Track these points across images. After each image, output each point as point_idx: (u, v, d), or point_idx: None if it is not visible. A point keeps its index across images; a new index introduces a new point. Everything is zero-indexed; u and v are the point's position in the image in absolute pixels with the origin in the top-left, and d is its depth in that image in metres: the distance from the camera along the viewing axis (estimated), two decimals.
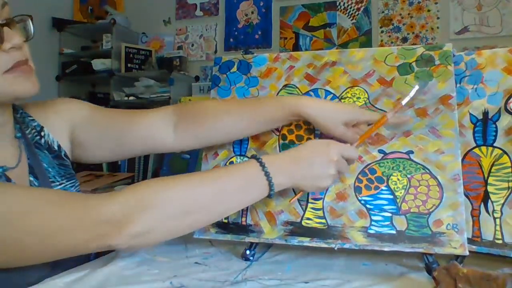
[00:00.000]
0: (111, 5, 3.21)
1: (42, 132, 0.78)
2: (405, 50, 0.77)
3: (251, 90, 0.83)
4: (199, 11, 3.10)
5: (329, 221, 0.70)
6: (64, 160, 0.79)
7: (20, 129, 0.75)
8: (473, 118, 0.72)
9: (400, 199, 0.68)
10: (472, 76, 0.74)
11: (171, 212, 0.60)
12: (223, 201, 0.64)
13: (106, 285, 0.63)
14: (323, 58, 0.81)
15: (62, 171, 0.77)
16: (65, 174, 0.78)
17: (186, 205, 0.61)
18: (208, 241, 0.84)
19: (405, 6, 2.65)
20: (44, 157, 0.75)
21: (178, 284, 0.62)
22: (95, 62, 2.92)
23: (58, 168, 0.77)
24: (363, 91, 0.76)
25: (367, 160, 0.72)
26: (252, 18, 2.96)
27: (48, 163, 0.75)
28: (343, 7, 2.76)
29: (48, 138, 0.78)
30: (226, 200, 0.64)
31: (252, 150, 0.79)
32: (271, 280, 0.64)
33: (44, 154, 0.76)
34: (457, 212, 0.65)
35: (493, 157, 0.69)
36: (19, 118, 0.76)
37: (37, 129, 0.78)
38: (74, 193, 0.72)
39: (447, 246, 0.64)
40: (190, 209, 0.62)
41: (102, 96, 3.10)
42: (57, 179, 0.76)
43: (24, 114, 0.78)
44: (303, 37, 2.83)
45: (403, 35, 2.64)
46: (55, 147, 0.78)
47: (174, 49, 3.09)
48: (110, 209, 0.56)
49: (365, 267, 0.71)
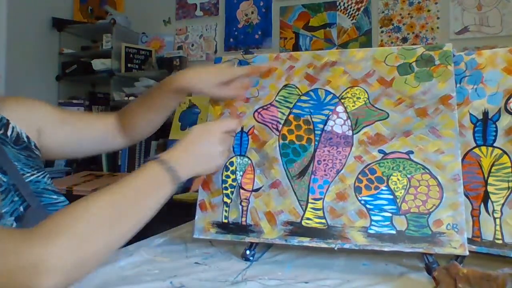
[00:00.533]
0: (111, 5, 3.21)
1: (10, 125, 0.76)
2: (405, 50, 0.77)
3: (251, 90, 0.83)
4: (199, 11, 3.10)
5: (329, 221, 0.70)
6: (33, 151, 0.77)
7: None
8: (473, 118, 0.72)
9: (400, 199, 0.68)
10: (472, 76, 0.74)
11: (80, 240, 0.55)
12: (133, 208, 0.61)
13: (106, 285, 0.63)
14: (323, 58, 0.81)
15: (30, 162, 0.75)
16: (34, 165, 0.76)
17: (94, 225, 0.57)
18: (208, 241, 0.84)
19: (405, 6, 2.65)
20: (9, 152, 0.73)
21: (178, 284, 0.62)
22: (95, 62, 2.92)
23: (25, 160, 0.75)
24: (363, 91, 0.76)
25: (367, 160, 0.72)
26: (252, 18, 2.96)
27: (13, 157, 0.73)
28: (343, 7, 2.76)
29: (16, 130, 0.76)
30: (135, 207, 0.62)
31: (252, 150, 0.79)
32: (271, 280, 0.64)
33: (8, 148, 0.74)
34: (457, 212, 0.65)
35: (493, 157, 0.69)
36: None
37: (3, 123, 0.76)
38: None
39: (447, 246, 0.64)
40: (100, 228, 0.57)
41: (102, 96, 3.10)
42: (26, 170, 0.74)
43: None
44: (303, 37, 2.83)
45: (403, 35, 2.64)
46: (23, 138, 0.77)
47: (174, 49, 3.09)
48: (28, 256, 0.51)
49: (365, 267, 0.71)
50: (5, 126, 0.75)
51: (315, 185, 0.73)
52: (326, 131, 0.76)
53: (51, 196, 0.75)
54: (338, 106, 0.77)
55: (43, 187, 0.75)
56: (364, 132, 0.74)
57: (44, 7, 3.00)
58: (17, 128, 0.77)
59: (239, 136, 0.81)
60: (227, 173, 0.79)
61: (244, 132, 0.81)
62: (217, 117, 0.84)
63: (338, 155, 0.74)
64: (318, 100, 0.78)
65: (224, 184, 0.79)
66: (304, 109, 0.78)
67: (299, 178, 0.75)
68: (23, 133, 0.77)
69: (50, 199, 0.74)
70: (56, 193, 0.76)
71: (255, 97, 0.83)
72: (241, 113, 0.82)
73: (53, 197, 0.75)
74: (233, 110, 0.83)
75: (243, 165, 0.79)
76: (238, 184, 0.78)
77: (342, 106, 0.77)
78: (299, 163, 0.76)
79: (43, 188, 0.74)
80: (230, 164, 0.80)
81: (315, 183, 0.74)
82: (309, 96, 0.79)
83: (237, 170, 0.79)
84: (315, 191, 0.73)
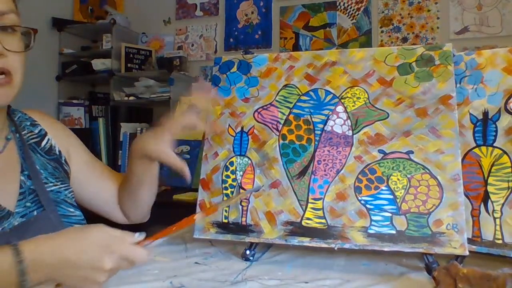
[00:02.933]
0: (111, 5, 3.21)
1: (46, 137, 0.80)
2: (405, 50, 0.77)
3: (251, 90, 0.83)
4: (199, 11, 3.09)
5: (329, 221, 0.70)
6: (62, 164, 0.80)
7: (15, 131, 0.76)
8: (473, 118, 0.72)
9: (400, 199, 0.68)
10: (472, 76, 0.74)
11: None
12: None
13: (106, 285, 0.63)
14: (323, 58, 0.81)
15: (56, 173, 0.78)
16: (59, 177, 0.78)
17: None
18: (208, 241, 0.84)
19: (405, 6, 2.64)
20: (37, 159, 0.77)
21: (178, 284, 0.62)
22: (95, 62, 2.91)
23: (52, 170, 0.78)
24: (363, 91, 0.76)
25: (367, 160, 0.72)
26: (252, 18, 2.96)
27: (40, 165, 0.76)
28: (343, 7, 2.76)
29: (51, 142, 0.80)
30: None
31: (252, 150, 0.79)
32: (271, 280, 0.64)
33: (37, 156, 0.77)
34: (457, 212, 0.65)
35: (493, 157, 0.69)
36: (16, 121, 0.78)
37: (41, 133, 0.80)
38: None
39: (447, 246, 0.64)
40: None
41: (102, 96, 3.10)
42: (50, 180, 0.76)
43: (23, 117, 0.80)
44: (303, 37, 2.83)
45: (403, 35, 2.64)
46: (56, 151, 0.80)
47: (174, 49, 3.09)
48: None
49: (365, 267, 0.71)
50: (42, 137, 0.80)
51: (315, 185, 0.73)
52: (326, 131, 0.76)
53: (68, 209, 0.77)
54: (338, 106, 0.77)
55: (63, 198, 0.77)
56: (364, 132, 0.74)
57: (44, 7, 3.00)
58: (52, 141, 0.81)
59: (239, 136, 0.81)
60: (227, 173, 0.79)
61: (244, 132, 0.81)
62: (217, 117, 0.83)
63: (338, 155, 0.74)
64: (318, 100, 0.78)
65: (224, 184, 0.79)
66: (304, 109, 0.78)
67: (299, 178, 0.75)
68: (56, 147, 0.81)
69: (66, 211, 0.76)
70: (74, 207, 0.78)
71: (255, 97, 0.83)
72: (241, 113, 0.82)
73: (70, 210, 0.77)
74: (233, 110, 0.83)
75: (243, 165, 0.79)
76: (238, 184, 0.78)
77: (342, 106, 0.77)
78: (299, 163, 0.76)
79: (62, 199, 0.77)
80: (230, 164, 0.80)
81: (315, 183, 0.74)
82: (309, 96, 0.79)
83: (237, 170, 0.79)
84: (315, 191, 0.73)
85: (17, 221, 0.69)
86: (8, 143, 0.74)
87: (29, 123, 0.80)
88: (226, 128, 0.82)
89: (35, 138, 0.79)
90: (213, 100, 0.78)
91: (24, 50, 0.68)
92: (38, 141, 0.79)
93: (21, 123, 0.79)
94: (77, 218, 0.78)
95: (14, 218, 0.69)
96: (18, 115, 0.80)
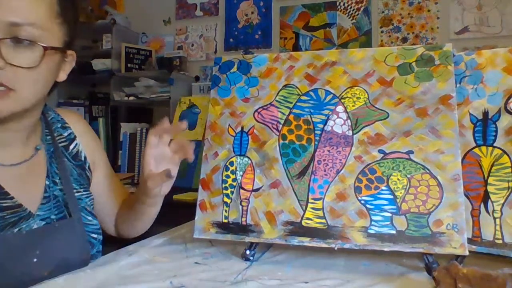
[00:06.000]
0: (111, 5, 3.21)
1: (74, 141, 0.81)
2: (405, 50, 0.77)
3: (251, 90, 0.83)
4: (199, 11, 3.09)
5: (329, 221, 0.70)
6: (86, 171, 0.81)
7: (48, 133, 0.77)
8: (473, 118, 0.72)
9: (400, 199, 0.68)
10: (472, 76, 0.74)
11: None
12: None
13: (106, 285, 0.63)
14: (323, 58, 0.81)
15: (81, 179, 0.79)
16: (83, 184, 0.80)
17: None
18: (208, 241, 0.84)
19: (405, 6, 2.65)
20: (65, 164, 0.77)
21: (178, 284, 0.62)
22: (95, 62, 2.92)
23: (77, 176, 0.79)
24: (363, 91, 0.76)
25: (367, 160, 0.72)
26: (252, 18, 2.96)
27: (68, 169, 0.77)
28: (343, 7, 2.76)
29: (78, 148, 0.81)
30: None
31: (252, 150, 0.79)
32: (271, 280, 0.64)
33: (65, 160, 0.78)
34: (457, 212, 0.65)
35: (493, 157, 0.69)
36: (50, 122, 0.79)
37: (69, 137, 0.80)
38: None
39: (447, 246, 0.64)
40: None
41: (102, 96, 3.10)
42: (74, 186, 0.77)
43: (56, 118, 0.81)
44: (303, 37, 2.83)
45: (403, 35, 2.64)
46: (81, 158, 0.81)
47: (174, 49, 3.09)
48: None
49: (365, 267, 0.71)
50: (70, 141, 0.81)
51: (315, 185, 0.73)
52: (326, 131, 0.76)
53: (87, 217, 0.78)
54: (338, 106, 0.77)
55: (83, 206, 0.78)
56: (364, 132, 0.74)
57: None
58: (79, 146, 0.82)
59: (239, 136, 0.81)
60: (227, 173, 0.79)
61: (244, 132, 0.81)
62: (217, 117, 0.83)
63: (338, 155, 0.74)
64: (318, 100, 0.78)
65: (224, 184, 0.79)
66: (304, 109, 0.78)
67: (299, 178, 0.75)
68: (83, 152, 0.82)
69: (85, 219, 0.77)
70: (92, 215, 0.79)
71: (255, 97, 0.83)
72: (241, 113, 0.82)
73: (88, 218, 0.78)
74: (233, 110, 0.83)
75: (243, 165, 0.79)
76: (238, 184, 0.78)
77: (342, 106, 0.77)
78: (299, 163, 0.76)
79: (83, 207, 0.78)
80: (230, 164, 0.80)
81: (315, 183, 0.74)
82: (309, 96, 0.79)
83: (237, 170, 0.79)
84: (315, 191, 0.73)
85: (36, 223, 0.69)
86: (37, 153, 0.74)
87: (60, 125, 0.81)
88: (226, 128, 0.82)
89: (64, 142, 0.79)
90: (174, 127, 0.76)
91: (25, 67, 0.61)
92: (66, 145, 0.79)
93: (53, 125, 0.79)
94: (94, 227, 0.78)
95: (34, 220, 0.69)
96: (52, 115, 0.80)
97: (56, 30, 0.66)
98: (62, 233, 0.70)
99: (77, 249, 0.72)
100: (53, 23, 0.66)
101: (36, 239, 0.67)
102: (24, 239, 0.66)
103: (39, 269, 0.65)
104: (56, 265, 0.67)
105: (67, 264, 0.68)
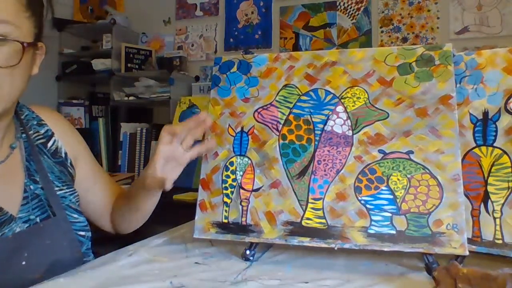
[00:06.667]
0: (111, 5, 3.21)
1: (53, 138, 0.78)
2: (405, 50, 0.77)
3: (251, 90, 0.83)
4: (199, 11, 3.09)
5: (329, 221, 0.70)
6: (67, 167, 0.79)
7: (23, 131, 0.75)
8: (473, 118, 0.72)
9: (400, 199, 0.68)
10: (472, 76, 0.74)
11: None
12: None
13: (106, 285, 0.63)
14: (323, 58, 0.81)
15: (62, 177, 0.77)
16: (65, 181, 0.78)
17: None
18: (208, 241, 0.84)
19: (405, 6, 2.65)
20: (44, 162, 0.75)
21: (178, 284, 0.62)
22: (95, 62, 2.92)
23: (58, 173, 0.77)
24: (363, 91, 0.76)
25: (367, 160, 0.72)
26: (252, 18, 2.96)
27: (47, 167, 0.75)
28: (343, 7, 2.76)
29: (57, 144, 0.78)
30: None
31: (252, 150, 0.79)
32: (271, 280, 0.64)
33: (44, 158, 0.75)
34: (457, 212, 0.65)
35: (493, 157, 0.69)
36: (23, 120, 0.76)
37: (47, 134, 0.78)
38: None
39: (447, 246, 0.64)
40: None
41: (102, 96, 3.10)
42: (56, 183, 0.75)
43: (30, 116, 0.78)
44: (303, 37, 2.83)
45: (403, 35, 2.64)
46: (61, 153, 0.79)
47: (174, 49, 3.09)
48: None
49: (365, 267, 0.71)
50: (48, 137, 0.78)
51: (315, 185, 0.73)
52: (326, 131, 0.76)
53: (72, 215, 0.76)
54: (338, 106, 0.77)
55: (67, 204, 0.76)
56: (364, 132, 0.74)
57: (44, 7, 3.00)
58: (58, 143, 0.79)
59: (239, 136, 0.81)
60: (227, 173, 0.79)
61: (244, 132, 0.81)
62: (217, 117, 0.83)
63: (338, 155, 0.74)
64: (318, 100, 0.78)
65: (224, 184, 0.79)
66: (304, 109, 0.78)
67: (299, 178, 0.75)
68: (62, 148, 0.80)
69: (70, 217, 0.75)
70: (78, 212, 0.78)
71: (255, 97, 0.83)
72: (241, 113, 0.82)
73: (74, 216, 0.76)
74: (233, 110, 0.83)
75: (243, 165, 0.79)
76: (238, 184, 0.78)
77: (342, 106, 0.77)
78: (299, 163, 0.76)
79: (67, 205, 0.76)
80: (230, 164, 0.80)
81: (315, 183, 0.74)
82: (309, 96, 0.79)
83: (237, 170, 0.79)
84: (315, 191, 0.73)
85: (19, 226, 0.67)
86: (13, 152, 0.72)
87: (36, 122, 0.78)
88: (226, 128, 0.82)
89: (41, 139, 0.77)
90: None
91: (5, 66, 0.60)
92: (44, 142, 0.77)
93: (28, 122, 0.77)
94: (81, 224, 0.77)
95: (16, 223, 0.67)
96: (26, 113, 0.78)
97: (26, 24, 0.65)
98: (48, 233, 0.69)
99: (67, 249, 0.70)
100: (23, 17, 0.64)
101: (22, 241, 0.66)
102: (10, 243, 0.65)
103: (30, 272, 0.65)
104: (48, 266, 0.67)
105: (61, 264, 0.67)
